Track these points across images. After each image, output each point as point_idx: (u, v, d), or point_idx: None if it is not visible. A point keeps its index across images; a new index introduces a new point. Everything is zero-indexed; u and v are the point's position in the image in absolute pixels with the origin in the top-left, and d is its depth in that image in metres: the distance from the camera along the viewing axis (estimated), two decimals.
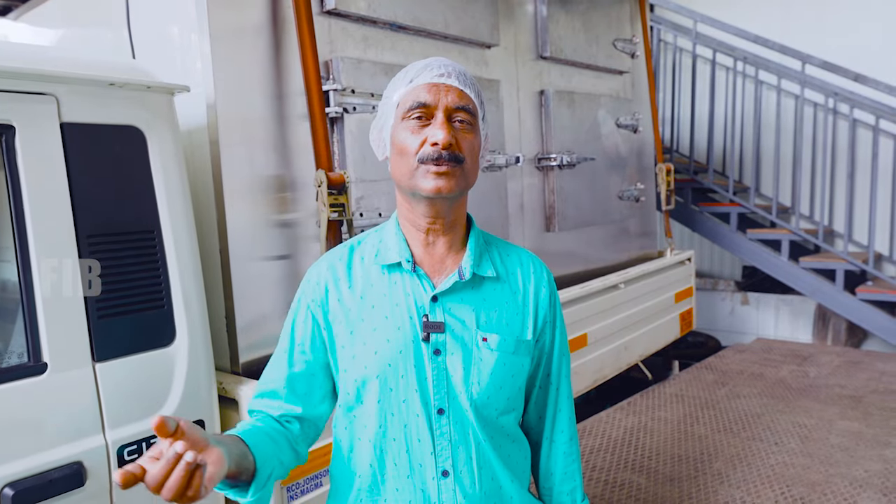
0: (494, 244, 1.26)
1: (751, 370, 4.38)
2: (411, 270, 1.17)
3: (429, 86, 1.12)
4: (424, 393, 1.14)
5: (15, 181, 1.45)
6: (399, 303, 1.16)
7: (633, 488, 2.83)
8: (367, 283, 1.19)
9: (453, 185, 1.10)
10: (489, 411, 1.16)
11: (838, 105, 4.89)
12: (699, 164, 5.41)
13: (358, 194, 2.30)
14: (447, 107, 1.11)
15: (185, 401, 1.68)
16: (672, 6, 5.27)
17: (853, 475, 2.84)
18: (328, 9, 2.26)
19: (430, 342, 1.14)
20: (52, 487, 1.43)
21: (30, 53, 1.57)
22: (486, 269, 1.19)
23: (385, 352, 1.14)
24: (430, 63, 1.16)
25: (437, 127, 1.10)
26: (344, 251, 1.24)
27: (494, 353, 1.16)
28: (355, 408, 1.18)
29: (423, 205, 1.14)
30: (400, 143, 1.13)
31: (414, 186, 1.12)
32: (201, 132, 2.01)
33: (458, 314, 1.16)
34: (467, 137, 1.13)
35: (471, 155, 1.14)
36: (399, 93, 1.15)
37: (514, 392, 1.20)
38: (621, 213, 3.95)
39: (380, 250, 1.20)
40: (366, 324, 1.16)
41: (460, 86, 1.13)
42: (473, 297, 1.18)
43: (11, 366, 1.45)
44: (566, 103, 3.42)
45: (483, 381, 1.15)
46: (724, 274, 6.14)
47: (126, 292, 1.60)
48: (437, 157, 1.09)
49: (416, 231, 1.18)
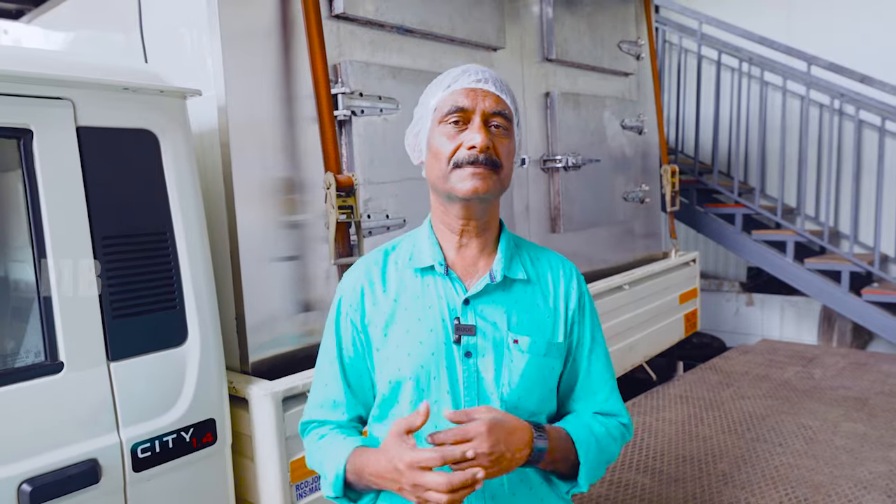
0: (525, 247, 1.29)
1: (756, 371, 4.39)
2: (444, 273, 1.19)
3: (466, 91, 1.15)
4: (456, 394, 1.16)
5: (32, 183, 1.48)
6: (432, 305, 1.18)
7: (638, 488, 2.84)
8: (401, 286, 1.21)
9: (489, 186, 1.13)
10: (520, 413, 1.17)
11: (844, 106, 4.89)
12: (704, 166, 5.41)
13: (366, 196, 2.33)
14: (484, 111, 1.14)
15: (197, 400, 1.71)
16: (677, 7, 5.27)
17: (858, 477, 2.85)
18: (337, 13, 2.28)
19: (462, 344, 1.16)
20: (68, 484, 1.46)
21: (47, 59, 1.60)
22: (517, 272, 1.21)
23: (418, 353, 1.16)
24: (467, 69, 1.18)
25: (474, 131, 1.12)
26: (379, 255, 1.27)
27: (525, 356, 1.17)
28: (391, 408, 1.20)
29: (458, 206, 1.17)
30: (437, 147, 1.15)
31: (450, 189, 1.14)
32: (212, 135, 2.04)
33: (490, 316, 1.18)
34: (503, 142, 1.16)
35: (507, 159, 1.16)
36: (437, 98, 1.18)
37: (545, 394, 1.21)
38: (626, 215, 3.96)
39: (413, 254, 1.23)
40: (399, 326, 1.19)
41: (497, 91, 1.16)
42: (505, 300, 1.20)
43: (28, 364, 1.48)
44: (571, 105, 3.44)
45: (514, 382, 1.17)
46: (729, 275, 6.14)
47: (139, 293, 1.63)
48: (474, 160, 1.11)
49: (449, 233, 1.21)
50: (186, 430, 1.69)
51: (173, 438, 1.66)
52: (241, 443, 1.89)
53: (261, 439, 1.85)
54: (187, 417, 1.69)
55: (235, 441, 1.86)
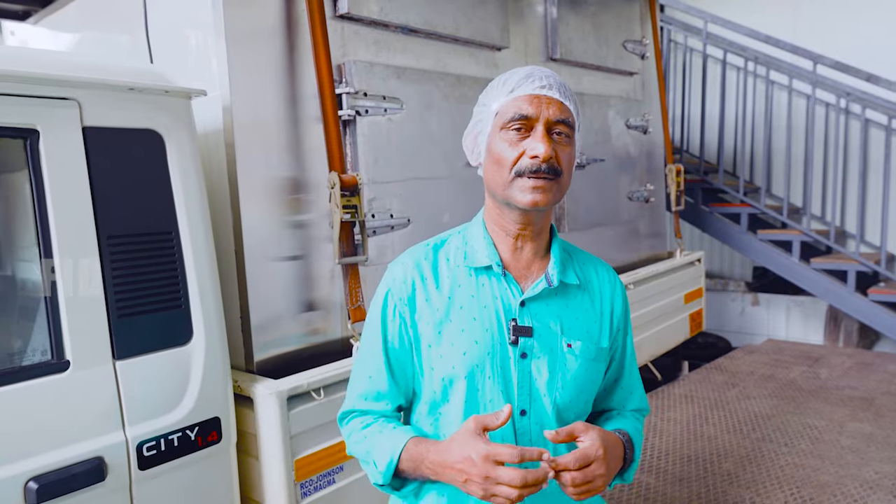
0: (573, 253, 1.29)
1: (761, 371, 4.38)
2: (501, 275, 1.19)
3: (530, 97, 1.13)
4: (509, 394, 1.16)
5: (39, 183, 1.49)
6: (487, 305, 1.18)
7: (643, 488, 2.84)
8: (455, 283, 1.20)
9: (550, 198, 1.12)
10: (569, 414, 1.19)
11: (850, 105, 4.87)
12: (709, 165, 5.40)
13: (370, 196, 2.33)
14: (548, 119, 1.12)
15: (202, 398, 1.72)
16: (682, 7, 5.26)
17: (864, 477, 2.84)
18: (341, 13, 2.29)
19: (518, 346, 1.16)
20: (74, 482, 1.47)
21: (53, 59, 1.61)
22: (570, 277, 1.22)
23: (473, 353, 1.16)
24: (531, 73, 1.16)
25: (537, 140, 1.11)
26: (428, 250, 1.25)
27: (578, 360, 1.19)
28: (441, 405, 1.20)
29: (517, 213, 1.16)
30: (498, 154, 1.14)
31: (509, 197, 1.13)
32: (217, 135, 2.05)
33: (545, 320, 1.18)
34: (566, 150, 1.15)
35: (568, 167, 1.16)
36: (499, 102, 1.16)
37: (591, 396, 1.24)
38: (631, 214, 3.95)
39: (467, 252, 1.22)
40: (454, 324, 1.18)
41: (561, 98, 1.14)
42: (558, 304, 1.20)
43: (35, 363, 1.49)
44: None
45: (567, 385, 1.18)
46: (735, 275, 6.13)
47: (145, 292, 1.64)
48: (536, 169, 1.10)
49: (504, 235, 1.20)
50: (192, 428, 1.69)
51: (178, 437, 1.67)
52: (245, 441, 1.90)
53: (266, 438, 1.86)
54: (192, 416, 1.70)
55: (240, 440, 1.87)
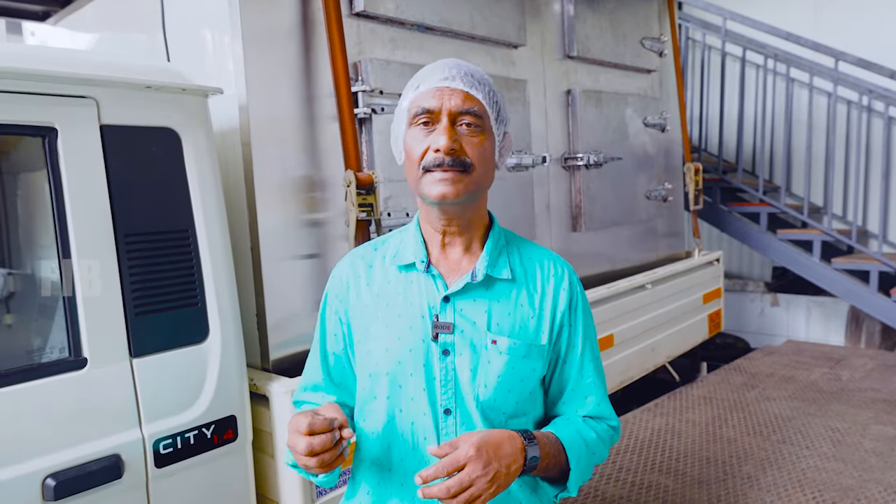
0: (516, 245, 1.25)
1: (781, 373, 4.31)
2: (425, 271, 1.18)
3: (433, 90, 1.12)
4: (432, 392, 1.15)
5: (57, 181, 1.50)
6: (413, 302, 1.18)
7: (661, 490, 2.81)
8: (385, 281, 1.21)
9: (459, 189, 1.10)
10: (496, 414, 1.15)
11: (873, 103, 4.79)
12: (728, 164, 5.33)
13: (386, 194, 2.32)
14: (451, 111, 1.10)
15: (218, 396, 1.72)
16: (701, 4, 5.20)
17: (887, 481, 2.79)
18: (357, 11, 2.28)
19: (440, 342, 1.15)
20: (92, 479, 1.48)
21: (71, 58, 1.62)
22: (500, 271, 1.18)
23: (396, 349, 1.16)
24: (435, 67, 1.15)
25: (439, 133, 1.10)
26: (368, 249, 1.27)
27: (503, 357, 1.15)
28: (369, 402, 1.20)
29: (437, 209, 1.15)
30: (408, 150, 1.14)
31: (422, 192, 1.13)
32: (234, 133, 2.05)
33: (470, 315, 1.16)
34: (474, 140, 1.12)
35: (480, 158, 1.12)
36: (408, 99, 1.16)
37: (523, 396, 1.18)
38: (649, 213, 3.91)
39: (399, 250, 1.22)
40: (380, 321, 1.19)
41: (466, 88, 1.12)
42: (486, 299, 1.17)
43: (53, 360, 1.50)
44: (593, 103, 3.41)
45: (490, 383, 1.14)
46: (754, 275, 6.05)
47: (162, 290, 1.64)
48: (440, 163, 1.09)
49: (433, 232, 1.20)
50: (208, 426, 1.70)
51: (195, 435, 1.67)
52: (261, 440, 1.90)
53: (281, 436, 1.86)
54: (209, 414, 1.70)
55: (256, 438, 1.87)
